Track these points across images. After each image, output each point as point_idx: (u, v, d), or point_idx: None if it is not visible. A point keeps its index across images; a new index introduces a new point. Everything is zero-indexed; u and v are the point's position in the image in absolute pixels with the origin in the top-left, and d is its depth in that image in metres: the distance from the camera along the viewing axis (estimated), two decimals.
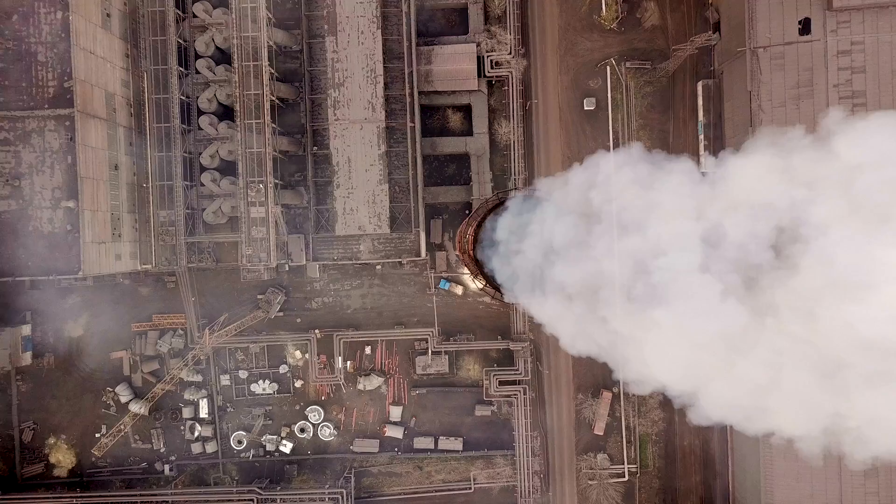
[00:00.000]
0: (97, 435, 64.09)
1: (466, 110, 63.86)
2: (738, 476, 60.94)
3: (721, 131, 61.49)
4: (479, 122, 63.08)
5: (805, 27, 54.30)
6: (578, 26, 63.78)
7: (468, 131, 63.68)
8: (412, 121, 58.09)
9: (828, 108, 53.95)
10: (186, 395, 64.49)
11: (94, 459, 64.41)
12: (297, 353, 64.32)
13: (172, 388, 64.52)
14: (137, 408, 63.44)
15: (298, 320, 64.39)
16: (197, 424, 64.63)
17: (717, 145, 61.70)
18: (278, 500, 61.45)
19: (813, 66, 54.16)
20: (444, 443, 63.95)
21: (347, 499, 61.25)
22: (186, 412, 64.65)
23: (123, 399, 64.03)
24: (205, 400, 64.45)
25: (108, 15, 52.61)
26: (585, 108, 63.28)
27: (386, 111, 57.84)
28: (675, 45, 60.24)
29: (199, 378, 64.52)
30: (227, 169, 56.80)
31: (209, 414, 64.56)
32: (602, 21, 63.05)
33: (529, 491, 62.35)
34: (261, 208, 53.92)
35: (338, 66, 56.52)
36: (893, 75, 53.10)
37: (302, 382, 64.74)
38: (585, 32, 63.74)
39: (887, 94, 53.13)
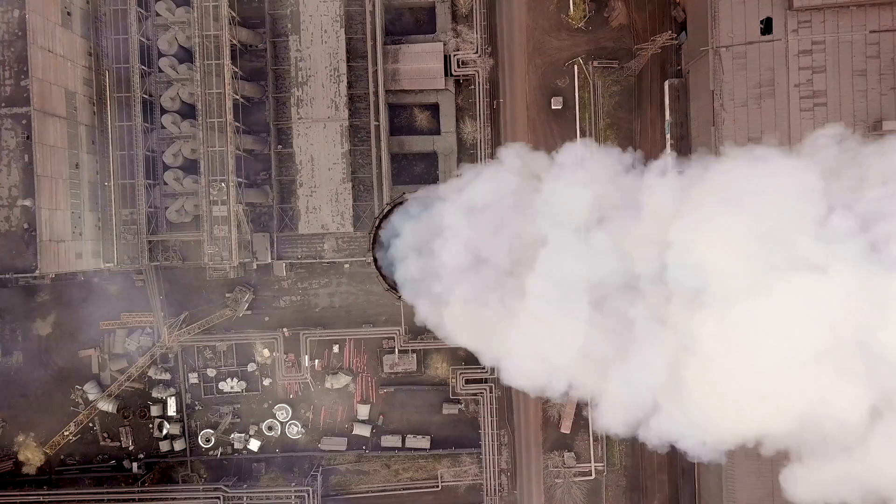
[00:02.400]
0: (65, 433, 64.18)
1: (434, 109, 63.89)
2: (703, 474, 61.13)
3: (687, 130, 61.67)
4: (447, 121, 63.14)
5: (767, 27, 54.37)
6: (546, 25, 63.86)
7: (436, 130, 63.73)
8: (377, 119, 58.17)
9: (789, 107, 54.33)
10: (155, 394, 64.56)
11: (63, 457, 64.61)
12: (266, 352, 64.41)
13: (140, 386, 64.73)
14: (105, 405, 63.61)
15: (266, 319, 64.45)
16: (165, 422, 64.74)
17: (683, 145, 61.94)
18: (244, 498, 61.65)
19: (774, 66, 54.22)
20: (412, 441, 64.09)
21: (314, 497, 61.47)
22: (155, 410, 64.72)
23: (91, 397, 64.11)
24: (173, 398, 64.50)
25: (68, 13, 52.62)
26: (553, 108, 63.39)
27: (350, 110, 57.94)
28: (639, 45, 60.30)
29: (167, 376, 64.61)
30: (191, 167, 56.87)
31: (177, 412, 64.62)
32: (570, 20, 63.14)
33: (495, 489, 62.53)
34: (223, 207, 54.01)
35: (301, 64, 56.58)
36: (854, 75, 53.22)
37: (270, 381, 64.85)
38: (553, 32, 63.82)
39: (847, 94, 53.27)
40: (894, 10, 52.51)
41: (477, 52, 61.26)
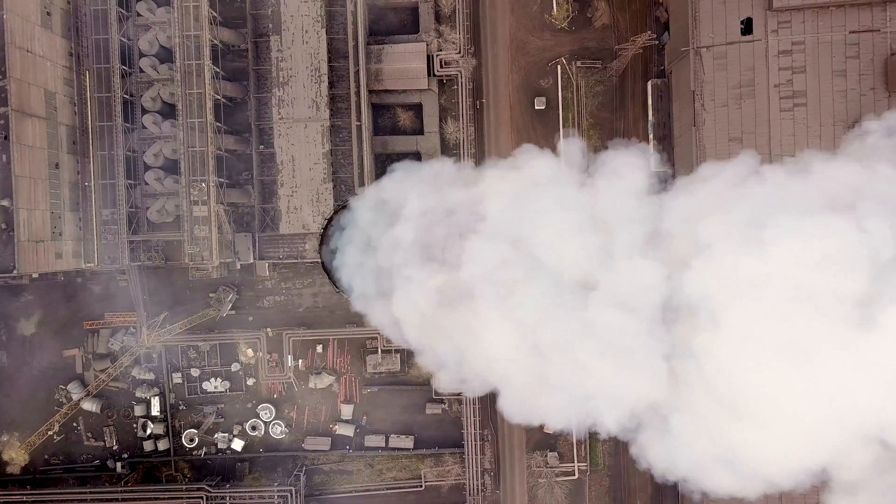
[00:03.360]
0: (49, 432, 64.28)
1: (417, 109, 63.92)
2: None
3: (670, 130, 61.71)
4: (430, 121, 63.16)
5: (747, 27, 54.40)
6: (530, 25, 63.87)
7: (419, 130, 63.73)
8: (358, 119, 58.18)
9: (769, 107, 54.32)
10: (139, 393, 64.64)
11: (47, 457, 64.77)
12: (249, 352, 64.45)
13: (124, 386, 64.86)
14: (89, 405, 63.77)
15: (250, 318, 64.46)
16: (149, 422, 64.80)
17: (666, 144, 61.97)
18: (227, 498, 61.73)
19: (754, 66, 54.26)
20: (395, 441, 64.16)
21: (296, 496, 61.50)
22: (139, 410, 64.84)
23: (75, 397, 64.18)
24: (157, 398, 64.57)
25: (48, 13, 52.61)
26: (536, 108, 63.39)
27: (332, 110, 57.99)
28: (619, 45, 60.36)
29: (151, 376, 64.69)
30: (172, 168, 56.83)
31: (161, 412, 64.70)
32: (553, 20, 63.16)
33: (478, 489, 62.58)
34: (203, 207, 54.00)
35: (282, 64, 56.60)
36: (833, 75, 53.23)
37: (254, 380, 64.90)
38: (536, 32, 63.84)
39: (827, 94, 53.29)
40: (874, 11, 52.57)
41: (459, 52, 61.29)
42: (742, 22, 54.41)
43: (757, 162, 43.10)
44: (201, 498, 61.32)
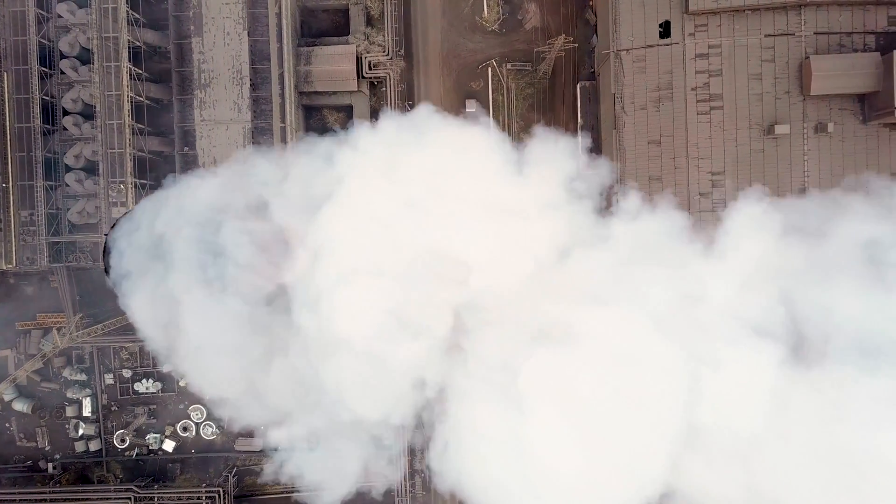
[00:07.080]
0: None
1: (349, 110, 64.00)
2: None
3: (598, 133, 61.85)
4: (360, 123, 63.15)
5: (665, 30, 54.53)
6: (461, 27, 63.98)
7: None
8: (282, 121, 58.22)
9: (686, 110, 54.45)
10: (70, 394, 64.73)
11: None
12: None
13: (56, 387, 64.92)
14: (20, 406, 63.85)
15: None
16: (81, 423, 64.86)
17: (594, 147, 62.09)
18: (155, 498, 61.82)
19: (672, 70, 54.40)
20: None
21: (225, 497, 61.60)
22: (70, 411, 64.91)
23: (7, 398, 64.23)
24: (88, 399, 64.65)
25: None
26: (467, 110, 63.44)
27: (258, 112, 58.04)
28: (539, 48, 60.56)
29: (83, 377, 64.75)
30: (93, 169, 56.88)
31: (93, 413, 64.79)
32: (484, 22, 63.28)
33: (406, 490, 62.68)
34: (122, 209, 53.96)
35: (204, 66, 56.63)
36: (750, 78, 53.39)
37: (186, 381, 64.90)
38: (468, 34, 63.95)
39: (743, 97, 53.45)
40: (788, 15, 52.73)
41: (387, 54, 61.36)
42: (660, 25, 54.56)
43: None
44: (129, 498, 61.44)
